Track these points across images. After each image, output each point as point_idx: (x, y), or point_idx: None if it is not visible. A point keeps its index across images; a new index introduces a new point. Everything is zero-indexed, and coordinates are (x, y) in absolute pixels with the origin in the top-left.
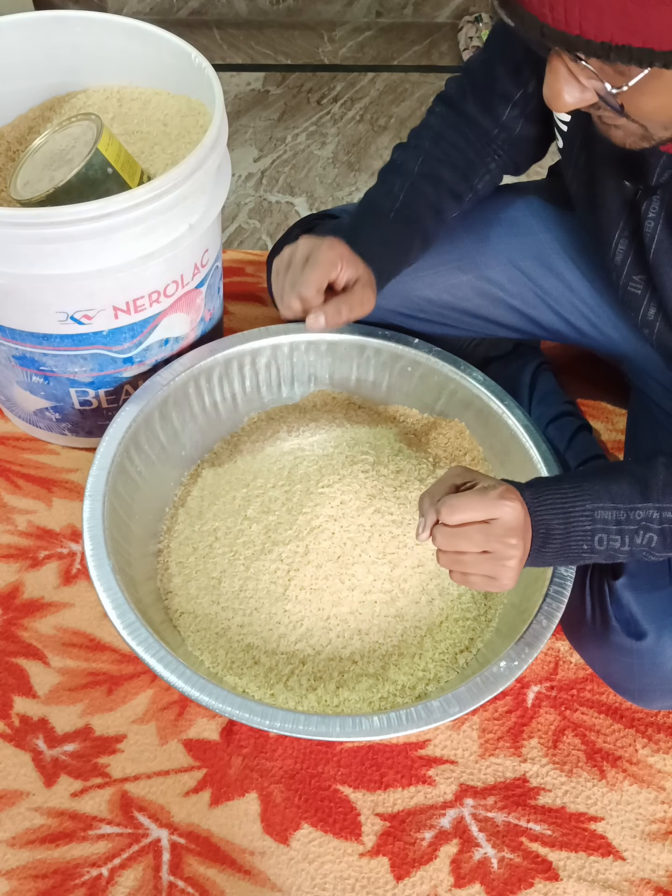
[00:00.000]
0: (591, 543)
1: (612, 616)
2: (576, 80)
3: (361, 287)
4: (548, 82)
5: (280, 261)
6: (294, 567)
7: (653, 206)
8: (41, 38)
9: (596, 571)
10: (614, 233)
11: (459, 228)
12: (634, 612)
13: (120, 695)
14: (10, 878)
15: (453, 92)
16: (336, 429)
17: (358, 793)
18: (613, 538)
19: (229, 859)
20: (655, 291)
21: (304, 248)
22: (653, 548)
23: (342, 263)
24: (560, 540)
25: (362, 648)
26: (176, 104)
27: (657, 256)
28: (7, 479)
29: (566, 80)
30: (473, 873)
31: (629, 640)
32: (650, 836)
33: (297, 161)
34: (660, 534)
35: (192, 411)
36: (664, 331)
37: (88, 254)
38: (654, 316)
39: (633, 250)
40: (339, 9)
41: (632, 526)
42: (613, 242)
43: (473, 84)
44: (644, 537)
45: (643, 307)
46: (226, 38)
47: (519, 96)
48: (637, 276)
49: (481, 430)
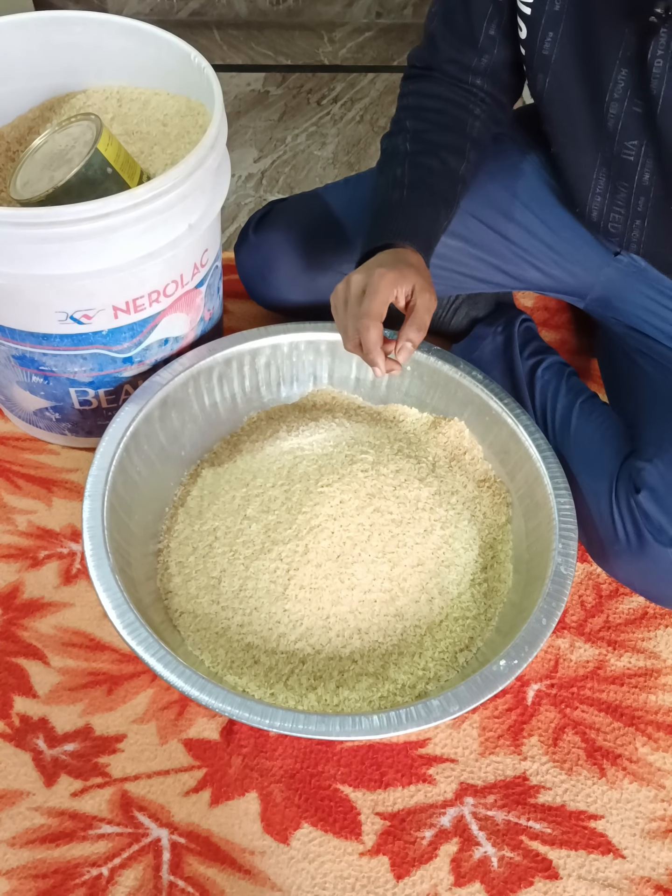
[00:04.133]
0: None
1: (644, 529)
2: None
3: (419, 295)
4: None
5: (336, 297)
6: (294, 566)
7: (661, 42)
8: (41, 38)
9: (622, 489)
10: (603, 102)
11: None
12: (662, 521)
13: (120, 694)
14: (10, 878)
15: (420, 52)
16: (336, 428)
17: (358, 792)
18: None
19: (229, 859)
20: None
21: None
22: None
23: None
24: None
25: (362, 647)
26: (176, 104)
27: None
28: (7, 479)
29: None
30: (473, 872)
31: (663, 548)
32: (650, 834)
33: (297, 161)
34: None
35: (192, 411)
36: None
37: (88, 254)
38: (648, 178)
39: (630, 113)
40: (338, 10)
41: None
42: (600, 117)
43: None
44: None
45: (637, 172)
46: (226, 39)
47: (492, 9)
48: (631, 142)
49: (481, 429)
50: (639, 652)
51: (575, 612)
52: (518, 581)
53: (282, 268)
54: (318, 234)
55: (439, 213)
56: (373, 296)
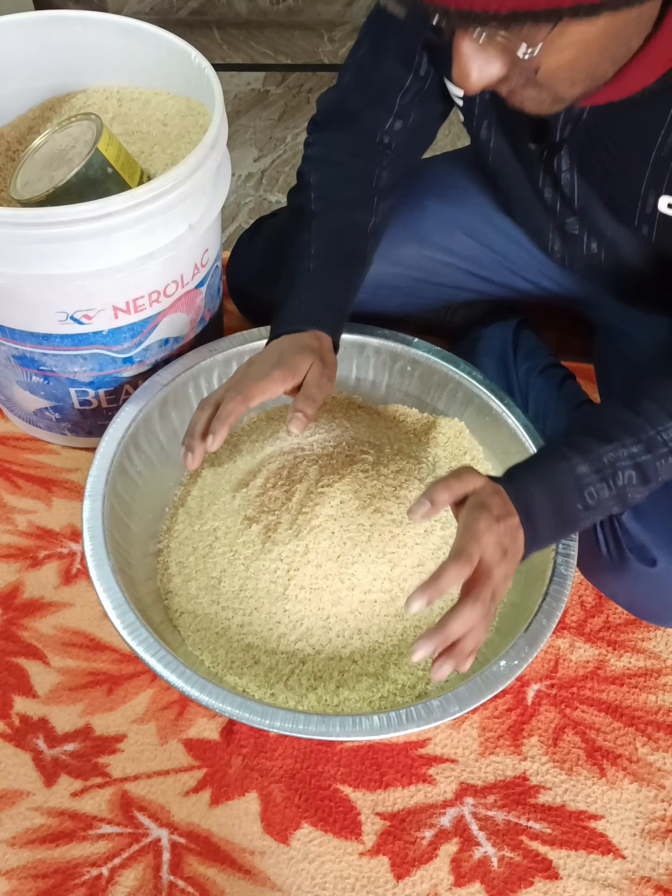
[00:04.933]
0: (583, 500)
1: (626, 547)
2: (484, 57)
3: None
4: (457, 65)
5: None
6: (294, 567)
7: (563, 160)
8: (41, 38)
9: None
10: (537, 186)
11: (398, 205)
12: (643, 540)
13: (120, 694)
14: (10, 878)
15: (330, 105)
16: (336, 428)
17: (358, 792)
18: (600, 487)
19: (229, 859)
20: (591, 229)
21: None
22: (634, 485)
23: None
24: (551, 508)
25: (362, 648)
26: (176, 104)
27: (581, 201)
28: (7, 479)
29: (475, 59)
30: (473, 872)
31: (644, 566)
32: (650, 834)
33: (297, 161)
34: (636, 468)
35: (192, 411)
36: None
37: (88, 254)
38: (597, 249)
39: (559, 198)
40: (339, 9)
41: (608, 470)
42: (539, 195)
43: (357, 80)
44: (624, 476)
45: (584, 244)
46: (226, 38)
47: (410, 80)
48: (571, 219)
49: (481, 429)
50: (639, 652)
51: (575, 612)
52: (518, 581)
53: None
54: None
55: (349, 281)
56: (256, 379)
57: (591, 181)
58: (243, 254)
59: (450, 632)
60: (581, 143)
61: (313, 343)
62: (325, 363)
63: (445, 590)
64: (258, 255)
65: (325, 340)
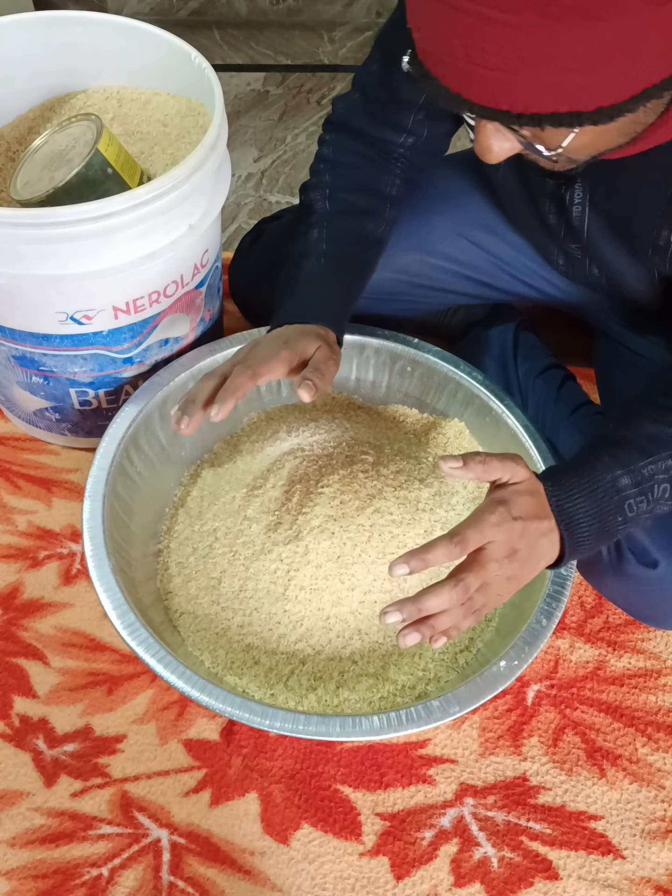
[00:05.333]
0: (623, 514)
1: (627, 549)
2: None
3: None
4: (477, 139)
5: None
6: (294, 567)
7: (576, 193)
8: (41, 38)
9: None
10: (543, 210)
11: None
12: (645, 542)
13: (120, 695)
14: (10, 878)
15: (343, 113)
16: (336, 429)
17: (358, 792)
18: (639, 500)
19: (229, 859)
20: (595, 257)
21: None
22: (666, 498)
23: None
24: (595, 519)
25: (362, 648)
26: (176, 105)
27: (591, 234)
28: (7, 479)
29: (495, 136)
30: (473, 873)
31: (644, 569)
32: (650, 834)
33: (297, 161)
34: (670, 482)
35: None
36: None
37: (88, 254)
38: (598, 273)
39: (565, 226)
40: (339, 9)
41: (647, 483)
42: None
43: (367, 99)
44: (659, 490)
45: (587, 268)
46: (226, 39)
47: (422, 101)
48: (574, 245)
49: (481, 430)
50: (639, 652)
51: (575, 612)
52: None
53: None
54: None
55: (354, 285)
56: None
57: (602, 214)
58: (247, 258)
59: (422, 604)
60: (595, 178)
61: (319, 331)
62: (331, 347)
63: (430, 563)
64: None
65: (330, 334)
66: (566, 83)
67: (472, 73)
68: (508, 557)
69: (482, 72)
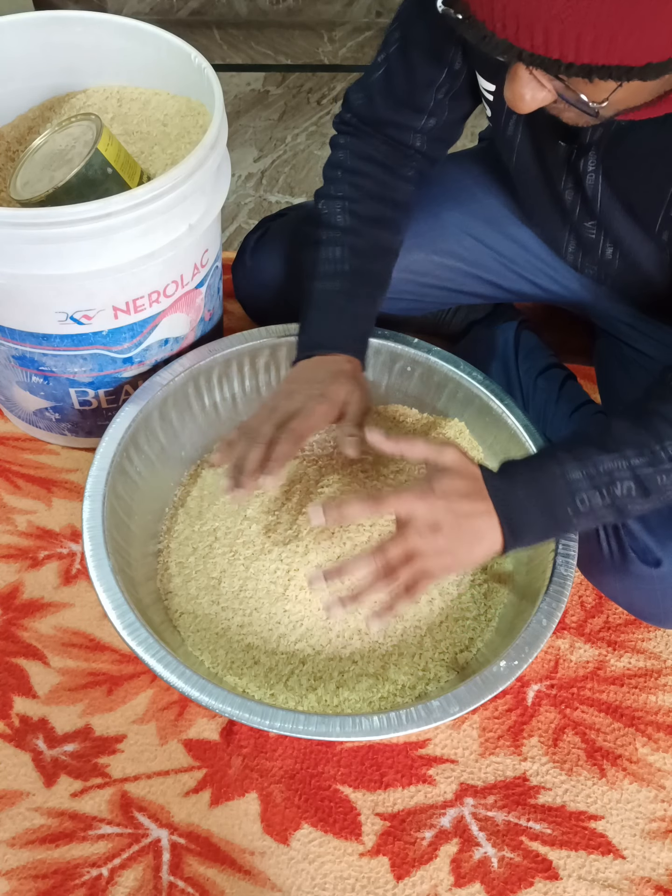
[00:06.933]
0: (574, 505)
1: (629, 548)
2: (538, 83)
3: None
4: (510, 87)
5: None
6: (294, 567)
7: (590, 161)
8: (41, 38)
9: None
10: (559, 188)
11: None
12: (647, 542)
13: (120, 695)
14: (10, 878)
15: (360, 104)
16: (336, 429)
17: (358, 792)
18: (591, 494)
19: (229, 859)
20: (609, 234)
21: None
22: (634, 497)
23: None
24: (537, 508)
25: (362, 648)
26: (176, 104)
27: (604, 205)
28: (7, 479)
29: (529, 85)
30: (473, 873)
31: (647, 568)
32: (650, 834)
33: (297, 161)
34: (636, 481)
35: (192, 411)
36: (623, 268)
37: (88, 254)
38: (611, 255)
39: (580, 201)
40: (339, 9)
41: (603, 479)
42: (559, 197)
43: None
44: (622, 488)
45: (600, 249)
46: (226, 39)
47: (444, 76)
48: (589, 223)
49: (481, 429)
50: (639, 652)
51: (575, 612)
52: (518, 581)
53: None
54: None
55: (374, 302)
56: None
57: (615, 185)
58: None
59: (343, 568)
60: (609, 146)
61: (346, 367)
62: (361, 387)
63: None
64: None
65: (355, 363)
66: (622, 36)
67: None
68: (431, 530)
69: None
